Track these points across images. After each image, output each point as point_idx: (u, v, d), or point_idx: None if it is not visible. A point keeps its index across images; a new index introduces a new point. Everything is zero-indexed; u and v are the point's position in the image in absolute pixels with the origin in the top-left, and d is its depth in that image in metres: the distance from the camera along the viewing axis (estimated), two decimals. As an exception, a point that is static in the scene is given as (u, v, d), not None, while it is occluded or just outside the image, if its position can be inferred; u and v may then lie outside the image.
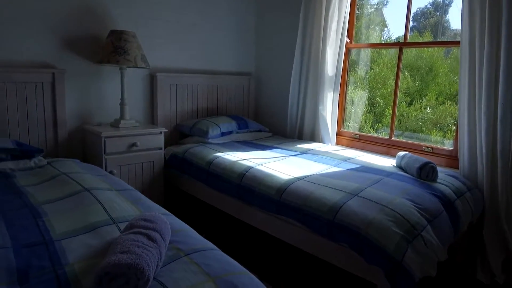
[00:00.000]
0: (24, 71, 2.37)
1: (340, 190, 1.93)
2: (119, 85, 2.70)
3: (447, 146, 2.75)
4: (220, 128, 3.02)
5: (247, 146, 2.95)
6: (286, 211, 1.98)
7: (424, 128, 3.21)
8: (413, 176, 2.21)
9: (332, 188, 1.96)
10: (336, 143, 3.28)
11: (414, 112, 3.29)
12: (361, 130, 3.46)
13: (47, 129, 2.52)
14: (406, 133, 3.30)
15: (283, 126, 3.58)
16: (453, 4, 3.28)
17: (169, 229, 1.31)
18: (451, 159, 2.61)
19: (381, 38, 3.51)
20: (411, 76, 3.35)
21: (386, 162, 2.55)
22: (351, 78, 3.42)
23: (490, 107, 2.18)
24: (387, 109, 3.31)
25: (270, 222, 2.11)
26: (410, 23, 2.85)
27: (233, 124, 3.16)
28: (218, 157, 2.55)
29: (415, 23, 3.46)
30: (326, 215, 1.78)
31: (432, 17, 3.46)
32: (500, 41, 2.11)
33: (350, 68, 3.37)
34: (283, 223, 2.03)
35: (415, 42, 3.11)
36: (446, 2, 3.38)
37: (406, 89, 3.32)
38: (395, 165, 2.47)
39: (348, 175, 2.21)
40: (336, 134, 3.28)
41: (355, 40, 3.29)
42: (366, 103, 3.50)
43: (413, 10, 2.89)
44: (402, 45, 2.87)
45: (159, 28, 3.03)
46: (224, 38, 3.53)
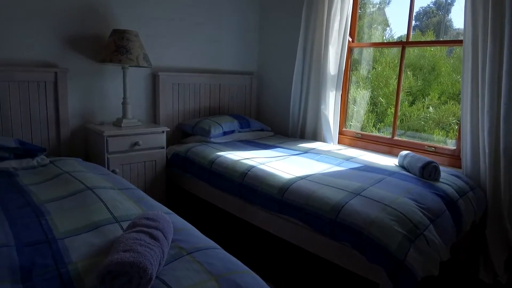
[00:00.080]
0: (27, 70, 2.37)
1: (342, 189, 1.93)
2: (122, 84, 2.71)
3: (450, 146, 2.74)
4: (222, 127, 3.02)
5: (249, 145, 2.95)
6: (288, 210, 1.98)
7: (427, 128, 3.21)
8: (416, 176, 2.20)
9: (334, 187, 1.96)
10: (338, 143, 3.27)
11: (417, 112, 3.28)
12: (363, 130, 3.45)
13: (50, 128, 2.53)
14: (409, 133, 3.29)
15: (285, 125, 3.57)
16: (456, 3, 3.27)
17: (172, 228, 1.32)
18: (454, 159, 2.61)
19: (383, 38, 3.50)
20: (414, 76, 3.34)
21: (389, 162, 2.54)
22: (353, 78, 3.42)
23: (493, 106, 2.17)
24: (390, 109, 3.30)
25: (272, 221, 2.11)
26: (413, 22, 2.84)
27: (235, 123, 3.16)
28: (220, 156, 2.55)
29: (418, 22, 3.46)
30: (328, 214, 1.78)
31: (435, 16, 3.45)
32: (503, 40, 2.10)
33: (352, 68, 3.36)
34: (285, 222, 2.03)
35: (418, 41, 3.10)
36: (449, 1, 3.37)
37: (409, 89, 3.32)
38: (398, 165, 2.46)
39: (350, 175, 2.20)
40: (338, 134, 3.28)
41: (357, 39, 3.28)
42: (368, 103, 3.50)
43: (416, 9, 2.88)
44: (405, 44, 2.86)
45: (162, 27, 3.04)
46: (227, 37, 3.53)
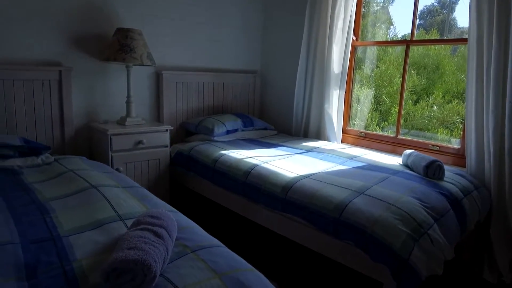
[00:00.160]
0: (31, 69, 2.38)
1: (346, 188, 1.93)
2: (125, 83, 2.72)
3: (454, 145, 2.73)
4: (226, 126, 3.03)
5: (253, 144, 2.95)
6: (292, 209, 1.98)
7: (431, 127, 3.20)
8: (420, 175, 2.20)
9: (338, 186, 1.96)
10: (342, 141, 3.27)
11: (421, 111, 3.27)
12: (367, 128, 3.45)
13: (54, 127, 2.54)
14: (413, 132, 3.28)
15: (289, 124, 3.57)
16: (460, 2, 3.25)
17: (176, 226, 1.32)
18: (458, 158, 2.59)
19: (387, 36, 3.49)
20: (418, 74, 3.33)
21: (392, 161, 2.54)
22: (357, 76, 3.41)
23: (498, 105, 2.16)
24: (393, 107, 3.29)
25: (276, 220, 2.11)
26: (417, 21, 2.83)
27: (239, 122, 3.16)
28: (224, 155, 2.55)
29: (422, 21, 3.44)
30: (332, 213, 1.78)
31: (439, 15, 3.43)
32: (509, 39, 2.09)
33: (356, 66, 3.35)
34: (289, 221, 2.03)
35: (422, 40, 3.09)
36: (453, 0, 3.36)
37: (413, 87, 3.31)
38: (402, 164, 2.45)
39: (354, 173, 2.20)
40: (342, 132, 3.27)
41: (361, 38, 3.27)
42: (372, 101, 3.49)
43: (420, 8, 2.87)
44: (409, 43, 2.85)
45: (165, 26, 3.04)
46: (230, 36, 3.53)
